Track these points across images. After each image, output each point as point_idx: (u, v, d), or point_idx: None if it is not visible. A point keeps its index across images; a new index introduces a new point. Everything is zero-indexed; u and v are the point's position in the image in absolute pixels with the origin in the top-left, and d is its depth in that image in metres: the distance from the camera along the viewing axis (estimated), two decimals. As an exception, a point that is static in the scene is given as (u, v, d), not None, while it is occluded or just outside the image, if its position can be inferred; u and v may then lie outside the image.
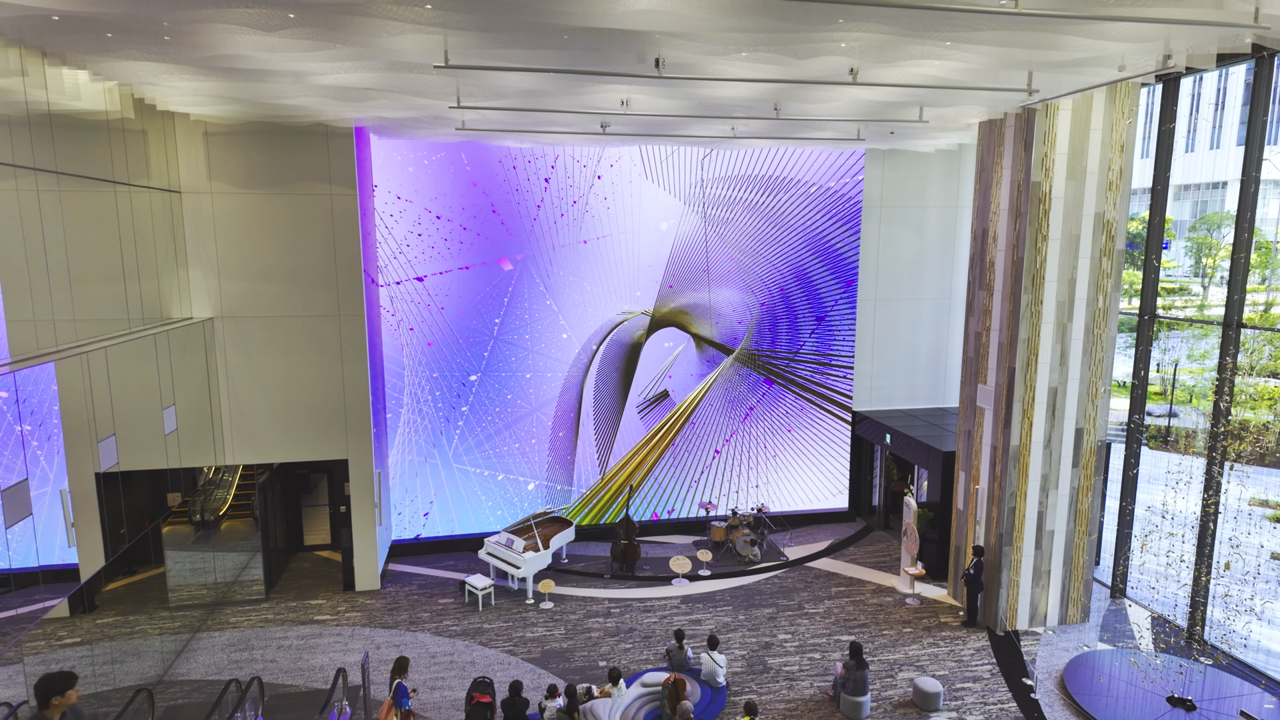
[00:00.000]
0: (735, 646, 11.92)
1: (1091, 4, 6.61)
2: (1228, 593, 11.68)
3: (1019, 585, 12.29)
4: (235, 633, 12.38)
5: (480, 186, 14.66)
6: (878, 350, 16.88)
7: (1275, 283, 34.12)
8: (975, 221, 12.59)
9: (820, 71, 8.84)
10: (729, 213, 15.69)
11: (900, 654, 11.71)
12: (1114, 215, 11.55)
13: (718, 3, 6.60)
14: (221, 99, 10.54)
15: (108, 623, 10.85)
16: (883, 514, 17.04)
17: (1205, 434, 11.41)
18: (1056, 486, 12.11)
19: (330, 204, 12.68)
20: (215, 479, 14.29)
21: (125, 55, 8.35)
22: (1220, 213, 38.99)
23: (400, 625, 12.60)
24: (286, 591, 13.87)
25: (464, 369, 15.11)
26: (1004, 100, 10.71)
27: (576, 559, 15.27)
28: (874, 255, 16.51)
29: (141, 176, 10.91)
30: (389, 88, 9.79)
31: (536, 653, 11.75)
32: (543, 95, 10.27)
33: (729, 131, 13.11)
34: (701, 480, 16.51)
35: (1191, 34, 7.75)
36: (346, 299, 12.90)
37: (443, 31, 7.43)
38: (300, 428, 13.03)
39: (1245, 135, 10.70)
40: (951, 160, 16.47)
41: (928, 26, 7.30)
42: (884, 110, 11.47)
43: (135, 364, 10.11)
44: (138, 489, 10.42)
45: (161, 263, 11.50)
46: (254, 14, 6.94)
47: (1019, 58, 8.42)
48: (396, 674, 9.48)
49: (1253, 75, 10.51)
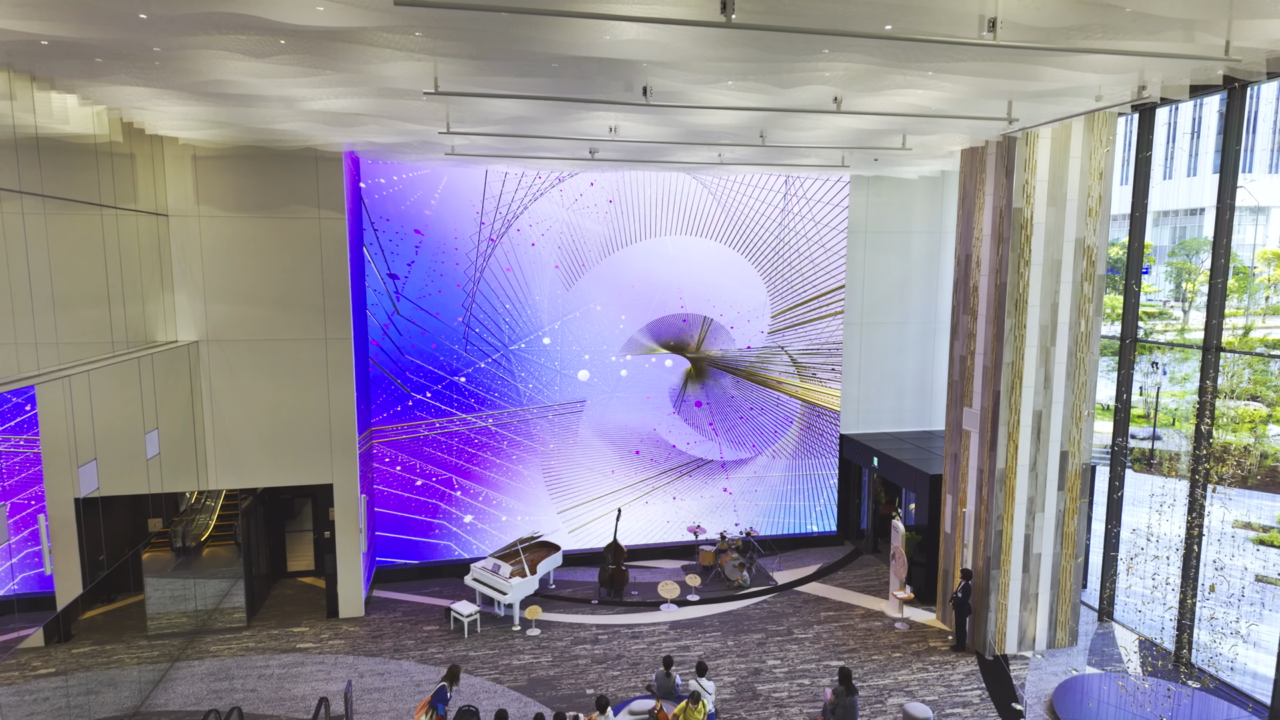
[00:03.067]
0: (724, 673, 11.81)
1: (1067, 37, 6.79)
2: (1213, 615, 11.72)
3: (1007, 609, 12.28)
4: (215, 661, 12.14)
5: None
6: (864, 373, 16.98)
7: (1253, 307, 34.70)
8: (959, 247, 12.76)
9: (805, 100, 9.00)
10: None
11: (890, 679, 11.64)
12: (1094, 241, 11.74)
13: (704, 33, 6.72)
14: (211, 123, 10.58)
15: (84, 652, 10.62)
16: (871, 537, 17.02)
17: (1188, 456, 11.52)
18: (1043, 509, 12.16)
19: (319, 228, 12.69)
20: (197, 504, 14.10)
21: (115, 80, 8.39)
22: (1198, 238, 39.71)
23: (384, 653, 12.41)
24: (268, 619, 13.64)
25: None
26: (985, 128, 10.92)
27: (564, 584, 15.13)
28: (860, 279, 16.68)
29: (129, 200, 10.89)
30: (379, 113, 9.87)
31: (523, 680, 11.59)
32: (532, 121, 10.38)
33: (716, 158, 13.27)
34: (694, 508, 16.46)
35: (1165, 66, 7.97)
36: (334, 322, 12.86)
37: (433, 59, 7.52)
38: (285, 452, 12.91)
39: (1220, 163, 10.94)
40: (935, 186, 16.73)
41: (909, 57, 7.46)
42: (868, 138, 11.67)
43: (118, 387, 10.02)
44: (118, 514, 10.26)
45: (147, 286, 11.44)
46: (245, 40, 7.00)
47: (999, 87, 8.61)
48: (449, 680, 9.78)
49: (1226, 106, 10.78)
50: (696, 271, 15.90)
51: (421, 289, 14.68)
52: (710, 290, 16.00)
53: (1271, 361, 28.27)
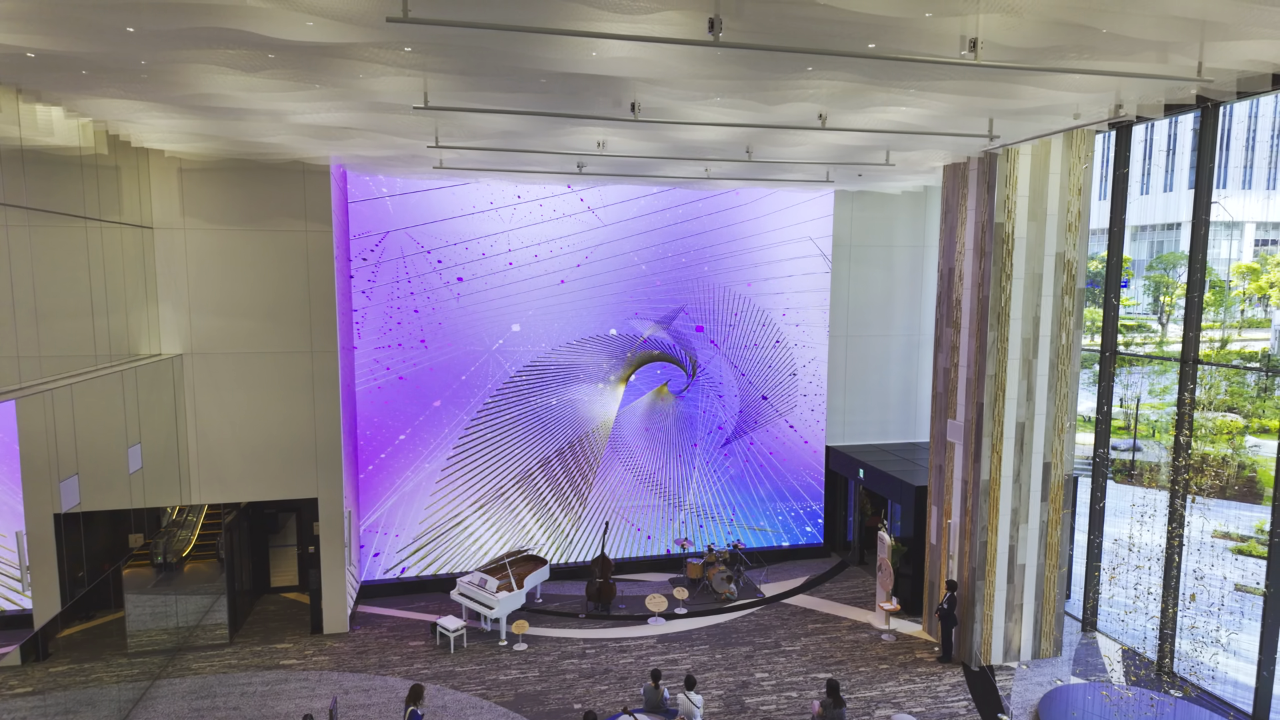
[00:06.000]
0: (712, 686, 11.79)
1: (1046, 57, 6.96)
2: (1194, 624, 11.86)
3: (992, 619, 12.37)
4: (197, 679, 11.96)
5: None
6: (850, 386, 17.11)
7: (1229, 320, 35.30)
8: (942, 261, 12.94)
9: (790, 117, 9.14)
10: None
11: (877, 691, 11.67)
12: (1074, 255, 11.95)
13: (692, 52, 6.82)
14: (198, 136, 10.56)
15: (61, 671, 10.43)
16: (858, 549, 17.09)
17: (1168, 467, 11.70)
18: (1026, 520, 12.28)
19: (306, 240, 12.66)
20: (179, 519, 13.92)
21: (102, 93, 8.37)
22: (1175, 252, 40.44)
23: (369, 669, 12.28)
24: (251, 635, 13.46)
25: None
26: (966, 145, 11.12)
27: (551, 598, 15.06)
28: (844, 293, 16.84)
29: (113, 212, 10.82)
30: (368, 127, 9.90)
31: (510, 696, 11.51)
32: (521, 136, 10.45)
33: (702, 172, 13.40)
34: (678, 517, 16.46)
35: (1140, 86, 8.17)
36: (320, 335, 12.81)
37: (422, 74, 7.57)
38: (270, 466, 12.80)
39: (1195, 180, 11.19)
40: (918, 201, 16.95)
41: (893, 76, 7.61)
42: (852, 154, 11.84)
43: (100, 401, 9.91)
44: (98, 530, 10.12)
45: (131, 299, 11.36)
46: (234, 55, 7.01)
47: (980, 105, 8.79)
48: (411, 702, 9.51)
49: (1199, 124, 11.04)
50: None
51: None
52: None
53: (1248, 374, 28.77)
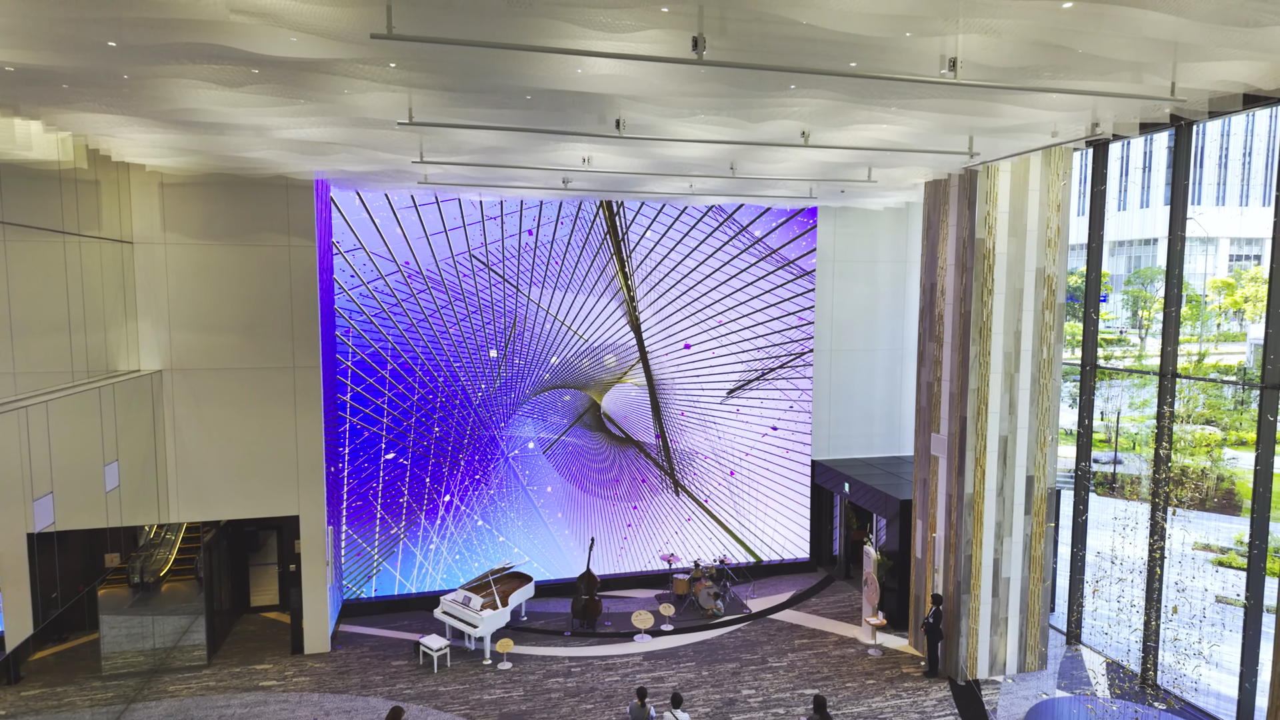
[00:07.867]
0: (699, 704, 11.70)
1: (1024, 76, 7.08)
2: (1176, 636, 11.93)
3: (978, 633, 12.38)
4: (174, 702, 11.70)
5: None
6: (834, 400, 17.17)
7: (1206, 334, 35.87)
8: (924, 276, 13.06)
9: (774, 134, 9.22)
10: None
11: (864, 706, 11.62)
12: (1054, 270, 12.10)
13: (676, 69, 6.88)
14: (179, 151, 10.48)
15: (33, 694, 10.19)
16: (843, 563, 17.08)
17: (1149, 480, 11.81)
18: (1010, 534, 12.34)
19: (288, 255, 12.57)
20: (157, 538, 13.69)
21: (82, 107, 8.29)
22: (1153, 267, 41.11)
23: (351, 689, 12.08)
24: (230, 656, 13.21)
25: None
26: (947, 162, 11.26)
27: (536, 616, 14.91)
28: (829, 308, 16.94)
29: (92, 227, 10.70)
30: (352, 142, 9.88)
31: (494, 716, 11.36)
32: (506, 152, 10.46)
33: (687, 188, 13.47)
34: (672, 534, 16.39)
35: (1115, 105, 8.33)
36: (302, 350, 12.70)
37: (407, 90, 7.57)
38: (250, 483, 12.62)
39: (1170, 196, 11.39)
40: (900, 217, 17.13)
41: (874, 94, 7.70)
42: (834, 170, 11.96)
43: (77, 418, 9.75)
44: (73, 549, 9.92)
45: (110, 314, 11.21)
46: (217, 70, 6.98)
47: (960, 123, 8.91)
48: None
49: (1174, 142, 11.26)
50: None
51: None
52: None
53: (1225, 387, 29.18)
